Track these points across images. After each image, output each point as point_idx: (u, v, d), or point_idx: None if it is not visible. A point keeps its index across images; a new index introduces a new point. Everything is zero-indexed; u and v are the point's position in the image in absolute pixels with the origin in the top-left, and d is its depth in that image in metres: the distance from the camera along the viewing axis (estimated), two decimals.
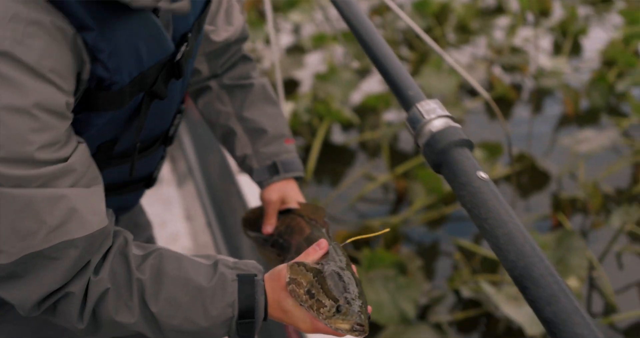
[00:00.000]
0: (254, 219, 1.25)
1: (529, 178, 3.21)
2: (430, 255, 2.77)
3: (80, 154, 0.81)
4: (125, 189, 1.08)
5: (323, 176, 3.31)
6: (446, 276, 2.60)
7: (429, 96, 0.99)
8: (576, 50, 4.67)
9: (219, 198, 2.27)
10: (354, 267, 0.95)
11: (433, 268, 2.70)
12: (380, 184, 3.15)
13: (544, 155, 3.38)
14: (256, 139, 1.21)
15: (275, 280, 0.89)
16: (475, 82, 1.72)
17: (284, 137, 1.22)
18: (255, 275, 0.89)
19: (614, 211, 2.83)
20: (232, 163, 2.00)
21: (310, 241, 1.01)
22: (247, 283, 0.87)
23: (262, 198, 1.21)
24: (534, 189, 3.16)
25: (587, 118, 3.79)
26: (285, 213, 1.19)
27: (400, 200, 3.11)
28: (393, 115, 3.77)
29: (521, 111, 3.92)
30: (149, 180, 1.13)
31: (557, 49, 4.69)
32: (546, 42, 4.78)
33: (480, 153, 3.01)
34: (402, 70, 1.06)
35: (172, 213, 2.77)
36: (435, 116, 0.97)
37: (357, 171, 3.26)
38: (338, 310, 0.85)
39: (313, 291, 0.87)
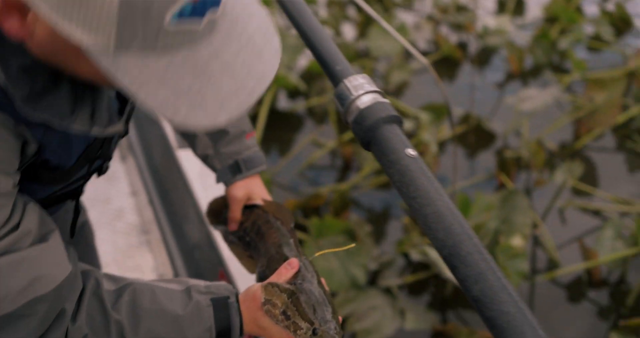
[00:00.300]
0: (219, 210, 1.26)
1: (475, 138, 3.24)
2: (380, 220, 2.78)
3: (31, 215, 0.79)
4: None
5: (271, 144, 3.28)
6: (395, 241, 2.62)
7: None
8: (520, 8, 4.69)
9: (160, 174, 2.22)
10: (323, 281, 0.99)
11: (383, 233, 2.73)
12: (328, 150, 3.13)
13: (490, 114, 3.40)
14: (217, 139, 1.19)
15: (251, 300, 0.93)
16: (411, 47, 1.70)
17: (244, 133, 1.19)
18: (228, 297, 0.92)
19: (557, 167, 2.89)
20: (172, 139, 1.95)
21: (281, 254, 1.06)
22: (222, 307, 0.91)
23: (227, 195, 1.21)
24: (480, 149, 3.20)
25: (531, 75, 3.83)
26: (250, 208, 1.20)
27: (349, 166, 3.10)
28: None
29: (467, 70, 3.93)
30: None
31: (501, 8, 4.70)
32: (490, 0, 4.78)
33: (426, 115, 3.01)
34: (329, 44, 1.03)
35: (117, 189, 2.71)
36: (363, 92, 0.94)
37: (305, 138, 3.23)
38: (314, 333, 0.91)
39: (289, 313, 0.92)
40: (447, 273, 2.18)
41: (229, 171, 1.18)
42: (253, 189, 1.19)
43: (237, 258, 1.23)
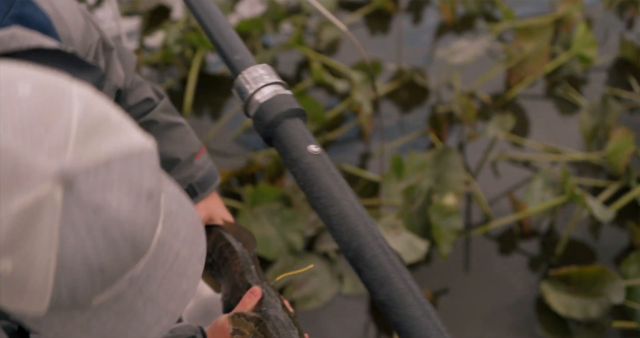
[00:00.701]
0: None
1: (408, 94, 3.23)
2: None
3: None
4: None
5: (203, 109, 3.20)
6: None
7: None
8: None
9: None
10: (286, 302, 1.06)
11: None
12: None
13: (423, 68, 3.38)
14: (170, 169, 1.17)
15: (219, 332, 0.99)
16: (327, 12, 1.65)
17: (194, 155, 1.18)
18: (194, 337, 0.98)
19: (489, 120, 2.91)
20: None
21: (244, 283, 1.10)
22: None
23: None
24: (413, 105, 3.19)
25: (464, 25, 3.81)
26: (210, 228, 1.22)
27: None
28: (269, 39, 3.64)
29: (400, 23, 3.88)
30: None
31: None
32: None
33: (358, 74, 2.97)
34: (228, 31, 0.98)
35: None
36: (262, 84, 0.90)
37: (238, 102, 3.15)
38: None
39: None
40: None
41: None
42: (214, 210, 1.21)
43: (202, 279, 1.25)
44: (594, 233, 2.57)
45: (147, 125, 1.14)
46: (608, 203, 2.54)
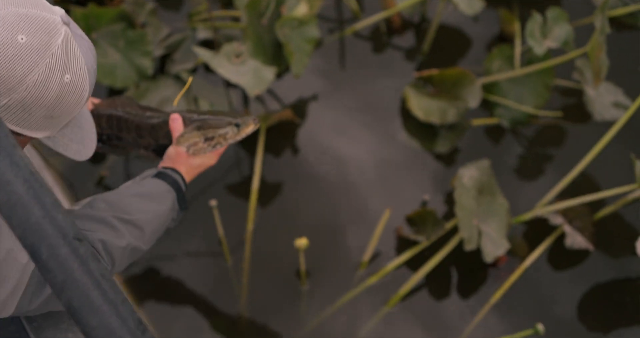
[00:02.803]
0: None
1: None
2: None
3: None
4: None
5: None
6: (187, 14, 2.36)
7: None
8: None
9: None
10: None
11: (171, 6, 2.43)
12: None
13: None
14: None
15: (175, 157, 1.20)
16: None
17: None
18: (160, 172, 1.17)
19: None
20: None
21: (160, 119, 1.24)
22: (162, 176, 1.16)
23: None
24: None
25: None
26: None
27: None
28: None
29: None
30: None
31: None
32: None
33: None
34: None
35: None
36: None
37: None
38: (237, 126, 1.21)
39: (209, 135, 1.19)
40: (220, 73, 2.01)
41: None
42: None
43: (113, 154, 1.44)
44: (466, 25, 2.45)
45: None
46: None
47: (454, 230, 1.92)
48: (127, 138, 1.28)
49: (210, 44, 2.26)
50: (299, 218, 2.02)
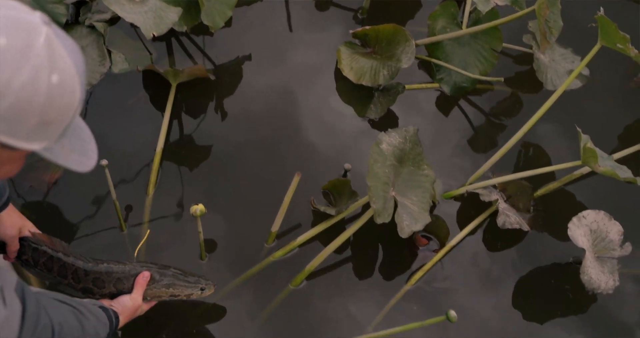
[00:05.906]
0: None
1: None
2: None
3: None
4: None
5: None
6: None
7: None
8: None
9: None
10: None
11: None
12: None
13: None
14: None
15: (129, 307, 1.42)
16: None
17: None
18: (101, 307, 1.35)
19: None
20: None
21: (125, 273, 1.45)
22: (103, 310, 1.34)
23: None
24: None
25: None
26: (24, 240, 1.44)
27: None
28: None
29: None
30: None
31: None
32: None
33: None
34: None
35: None
36: None
37: None
38: (202, 289, 1.50)
39: (176, 294, 1.48)
40: (115, 10, 1.80)
41: None
42: (24, 222, 1.45)
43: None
44: None
45: None
46: None
47: None
48: (75, 286, 1.44)
49: None
50: (205, 184, 1.84)
